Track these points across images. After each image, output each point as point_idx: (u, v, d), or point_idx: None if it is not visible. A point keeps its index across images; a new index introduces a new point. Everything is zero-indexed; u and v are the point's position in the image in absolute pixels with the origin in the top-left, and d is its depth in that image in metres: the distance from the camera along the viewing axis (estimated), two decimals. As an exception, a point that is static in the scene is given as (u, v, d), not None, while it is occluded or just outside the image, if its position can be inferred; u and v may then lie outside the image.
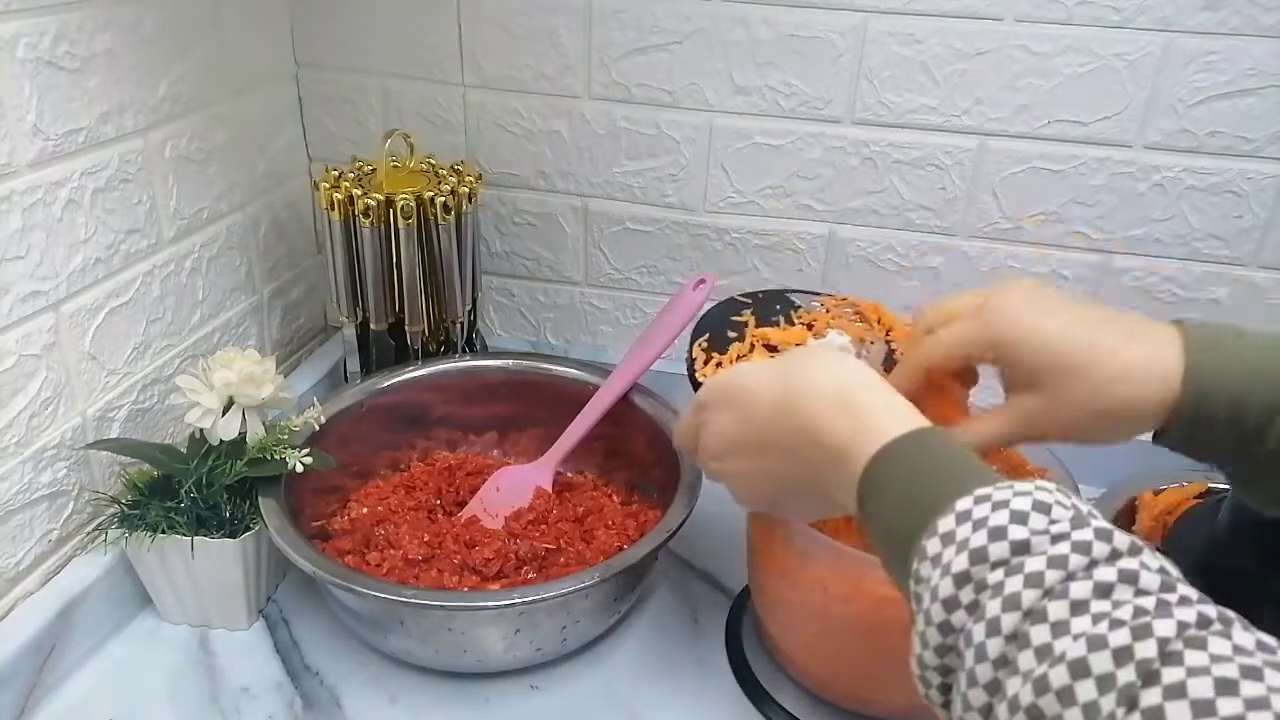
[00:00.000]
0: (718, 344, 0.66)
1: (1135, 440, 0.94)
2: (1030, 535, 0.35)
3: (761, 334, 0.66)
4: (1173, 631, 0.31)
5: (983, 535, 0.36)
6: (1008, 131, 0.81)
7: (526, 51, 0.87)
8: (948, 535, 0.37)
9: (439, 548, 0.72)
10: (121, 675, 0.67)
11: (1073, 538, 0.35)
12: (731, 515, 0.61)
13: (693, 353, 0.66)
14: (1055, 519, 0.35)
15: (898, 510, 0.40)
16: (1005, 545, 0.35)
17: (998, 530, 0.35)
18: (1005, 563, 0.35)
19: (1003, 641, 0.34)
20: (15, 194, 0.62)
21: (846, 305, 0.70)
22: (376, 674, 0.68)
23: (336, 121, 0.95)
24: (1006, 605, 0.34)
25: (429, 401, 0.85)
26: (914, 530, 0.39)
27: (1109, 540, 0.35)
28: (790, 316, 0.68)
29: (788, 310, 0.69)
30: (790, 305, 0.70)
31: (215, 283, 0.83)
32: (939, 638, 0.36)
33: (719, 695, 0.67)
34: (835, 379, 0.46)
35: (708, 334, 0.68)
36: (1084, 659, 0.31)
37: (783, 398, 0.48)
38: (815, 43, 0.81)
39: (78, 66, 0.65)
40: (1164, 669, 0.30)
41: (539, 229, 0.95)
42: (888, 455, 0.42)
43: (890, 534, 0.41)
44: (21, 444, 0.65)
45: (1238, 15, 0.74)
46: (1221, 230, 0.81)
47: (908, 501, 0.40)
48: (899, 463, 0.42)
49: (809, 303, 0.70)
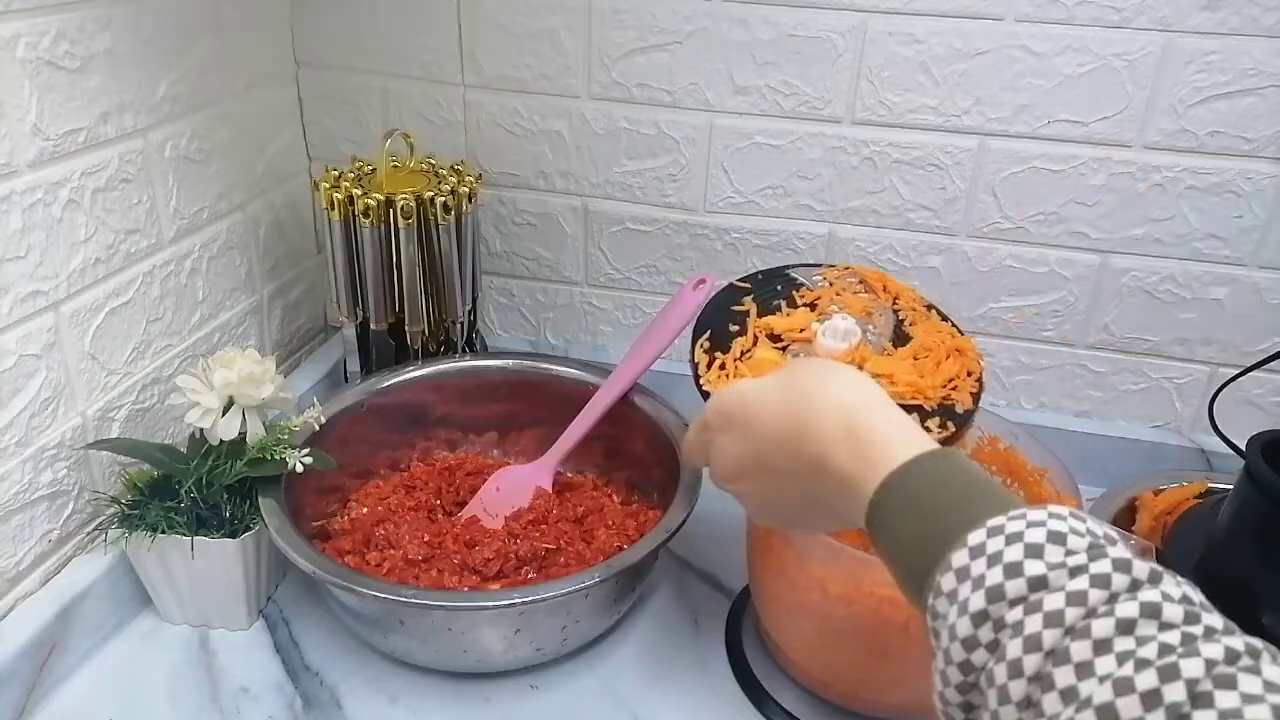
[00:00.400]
0: (719, 341, 0.65)
1: (1135, 440, 0.94)
2: (1047, 570, 0.34)
3: (765, 324, 0.64)
4: (1201, 671, 0.30)
5: (998, 572, 0.35)
6: (1008, 131, 0.81)
7: (526, 51, 0.87)
8: (962, 571, 0.36)
9: (439, 548, 0.72)
10: (121, 675, 0.67)
11: (1091, 571, 0.34)
12: (731, 515, 0.61)
13: (695, 356, 0.65)
14: (1071, 549, 0.35)
15: (910, 543, 0.40)
16: (1022, 582, 0.34)
17: (1013, 566, 0.35)
18: (1024, 600, 0.34)
19: (1026, 683, 0.33)
20: (15, 194, 0.62)
21: (850, 275, 0.68)
22: (376, 674, 0.68)
23: (336, 121, 0.95)
24: (1028, 646, 0.33)
25: (429, 401, 0.85)
26: (928, 564, 0.38)
27: (1128, 571, 0.34)
28: (793, 297, 0.66)
29: (789, 290, 0.67)
30: (792, 284, 0.67)
31: (215, 283, 0.83)
32: (960, 676, 0.36)
33: (719, 695, 0.67)
34: (839, 405, 0.45)
35: (709, 331, 0.66)
36: (1111, 704, 0.30)
37: (789, 426, 0.47)
38: (815, 43, 0.81)
39: (78, 66, 0.65)
40: (1195, 712, 0.29)
41: (539, 229, 0.95)
42: (895, 485, 0.41)
43: (904, 566, 0.40)
44: (21, 444, 0.65)
45: (1238, 15, 0.74)
46: (1221, 230, 0.81)
47: (919, 534, 0.39)
48: (907, 493, 0.41)
49: (810, 277, 0.68)
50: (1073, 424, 0.90)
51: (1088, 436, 0.89)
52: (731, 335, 0.65)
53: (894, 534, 0.41)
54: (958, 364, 0.61)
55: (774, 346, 0.63)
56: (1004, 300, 0.88)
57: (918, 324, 0.65)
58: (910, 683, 0.61)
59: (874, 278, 0.68)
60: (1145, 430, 0.90)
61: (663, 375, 0.81)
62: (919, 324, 0.65)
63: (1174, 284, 0.84)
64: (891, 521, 0.41)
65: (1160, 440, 0.88)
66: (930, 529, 0.39)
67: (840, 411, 0.45)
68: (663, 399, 0.80)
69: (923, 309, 0.67)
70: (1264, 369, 0.77)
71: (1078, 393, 0.91)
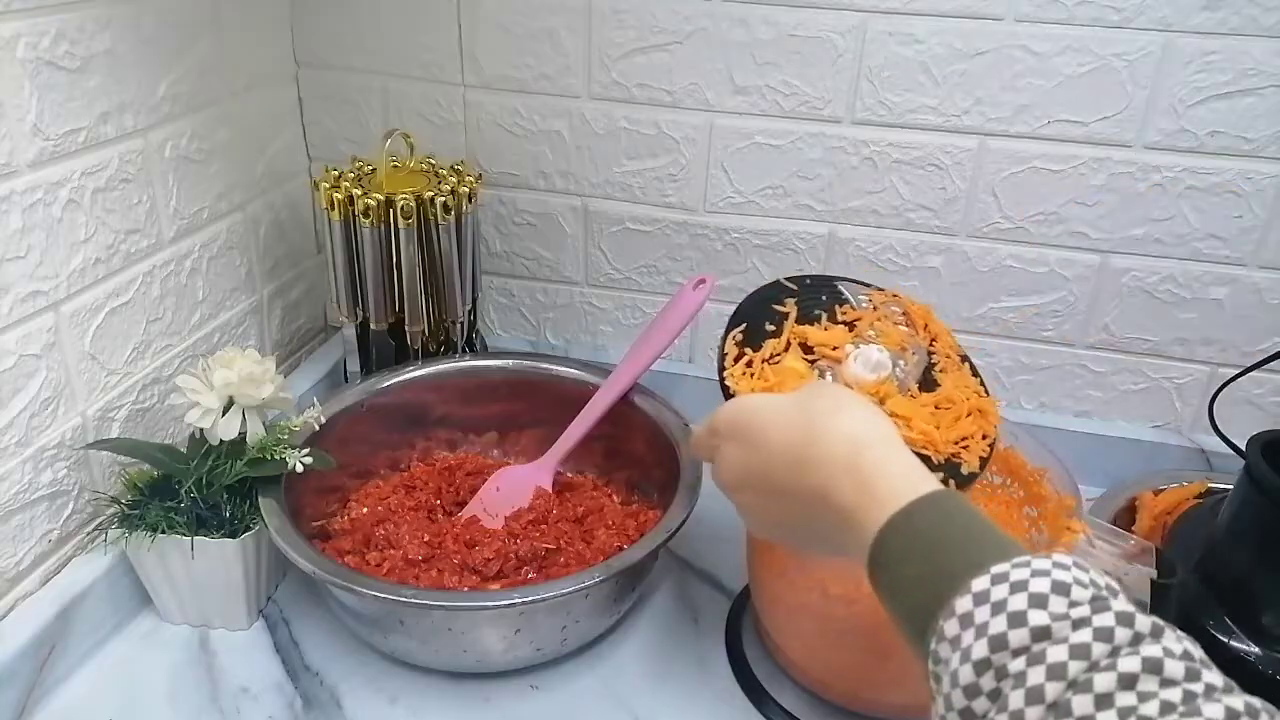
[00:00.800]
0: (753, 336, 0.63)
1: (1135, 440, 0.94)
2: (1050, 621, 0.34)
3: (800, 332, 0.63)
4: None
5: (1002, 620, 0.35)
6: (1008, 131, 0.81)
7: (526, 51, 0.87)
8: (965, 617, 0.36)
9: (439, 548, 0.72)
10: (121, 675, 0.67)
11: (1094, 623, 0.34)
12: (732, 515, 0.61)
13: (725, 346, 0.63)
14: (1075, 600, 0.35)
15: (912, 585, 0.40)
16: (1025, 632, 0.34)
17: (1017, 616, 0.35)
18: (1026, 650, 0.34)
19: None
20: (15, 194, 0.62)
21: (894, 303, 0.67)
22: (376, 674, 0.68)
23: (336, 121, 0.95)
24: (1030, 698, 0.33)
25: (429, 401, 0.85)
26: (930, 607, 0.38)
27: (1130, 624, 0.34)
28: (834, 311, 0.65)
29: (833, 303, 0.66)
30: (837, 297, 0.67)
31: (215, 283, 0.83)
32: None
33: (719, 695, 0.67)
34: (849, 438, 0.45)
35: (745, 323, 0.64)
36: None
37: (797, 450, 0.46)
38: (815, 43, 0.81)
39: (78, 66, 0.65)
40: None
41: (539, 229, 0.95)
42: (898, 526, 0.41)
43: (906, 608, 0.40)
44: (21, 444, 0.65)
45: (1238, 15, 0.74)
46: (1221, 230, 0.81)
47: (921, 577, 0.39)
48: (910, 534, 0.41)
49: (856, 295, 0.67)
50: (1073, 424, 0.90)
51: (1088, 436, 0.89)
52: (766, 334, 0.64)
53: (896, 574, 0.41)
54: (975, 424, 0.60)
55: (804, 358, 0.62)
56: (1004, 300, 0.88)
57: (948, 372, 0.64)
58: (910, 683, 0.61)
59: (918, 313, 0.67)
60: (1145, 430, 0.90)
61: (663, 375, 0.81)
62: (949, 373, 0.64)
63: (1174, 284, 0.84)
64: (894, 561, 0.41)
65: (1160, 440, 0.88)
66: (934, 570, 0.39)
67: (848, 443, 0.45)
68: (663, 399, 0.80)
69: (957, 358, 0.66)
70: (1264, 369, 0.77)
71: (1078, 393, 0.91)
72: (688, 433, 0.75)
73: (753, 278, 0.92)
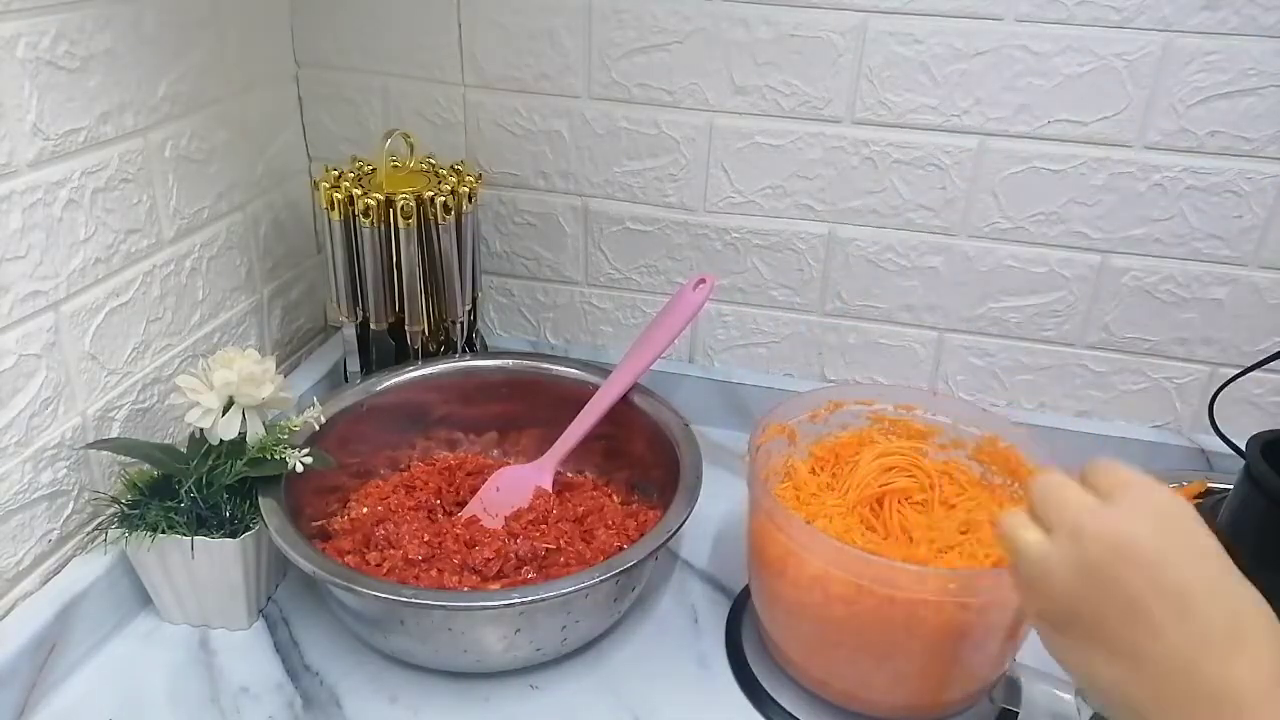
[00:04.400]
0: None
1: (1135, 440, 0.94)
2: None
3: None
4: None
5: None
6: (1008, 131, 0.81)
7: (526, 51, 0.87)
8: None
9: (439, 548, 0.72)
10: (121, 675, 0.67)
11: None
12: (731, 515, 0.61)
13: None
14: None
15: None
16: None
17: None
18: None
19: None
20: (15, 194, 0.62)
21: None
22: (376, 674, 0.68)
23: (336, 121, 0.95)
24: None
25: (429, 401, 0.85)
26: None
27: None
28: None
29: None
30: None
31: (215, 283, 0.83)
32: None
33: (719, 695, 0.67)
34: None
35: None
36: None
37: (1219, 621, 0.38)
38: (815, 43, 0.81)
39: (78, 66, 0.65)
40: None
41: (539, 229, 0.95)
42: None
43: None
44: (21, 444, 0.65)
45: (1238, 15, 0.74)
46: (1221, 230, 0.81)
47: None
48: None
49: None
50: (1073, 424, 0.91)
51: (1088, 436, 0.89)
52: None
53: None
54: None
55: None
56: (1004, 300, 0.88)
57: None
58: (910, 683, 0.61)
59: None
60: (1145, 430, 0.90)
61: (663, 375, 0.81)
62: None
63: (1174, 284, 0.84)
64: None
65: (1160, 440, 0.88)
66: None
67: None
68: (663, 399, 0.80)
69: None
70: (1264, 369, 0.77)
71: (1078, 393, 0.91)
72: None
73: (752, 278, 0.92)
